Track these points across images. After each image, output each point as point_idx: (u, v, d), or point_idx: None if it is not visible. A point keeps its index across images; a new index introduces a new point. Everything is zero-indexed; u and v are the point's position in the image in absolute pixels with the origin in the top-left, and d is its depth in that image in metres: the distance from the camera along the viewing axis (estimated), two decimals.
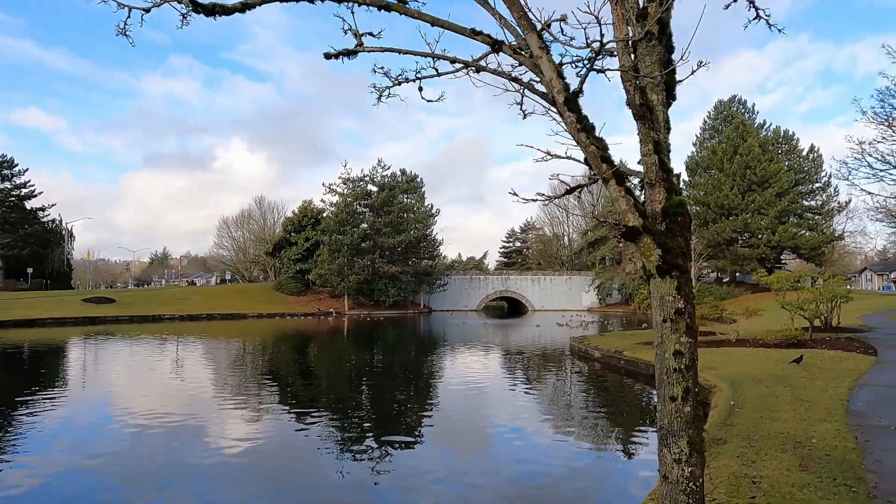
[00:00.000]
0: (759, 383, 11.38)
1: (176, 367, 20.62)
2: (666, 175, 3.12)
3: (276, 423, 12.01)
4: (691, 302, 3.12)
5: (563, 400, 14.84)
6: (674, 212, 3.09)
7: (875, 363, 13.60)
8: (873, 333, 20.29)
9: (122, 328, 41.05)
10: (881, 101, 17.50)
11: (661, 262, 3.04)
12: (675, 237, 3.10)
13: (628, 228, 3.01)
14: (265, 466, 8.91)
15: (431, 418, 12.86)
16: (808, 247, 56.83)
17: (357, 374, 20.01)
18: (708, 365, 14.77)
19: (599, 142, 3.04)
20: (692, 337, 3.09)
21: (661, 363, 3.13)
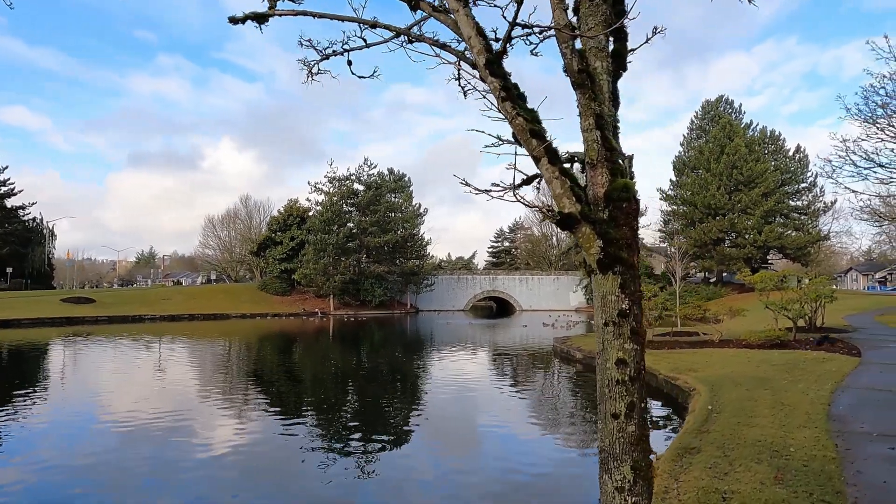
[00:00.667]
0: (739, 386, 11.00)
1: (154, 370, 19.99)
2: (610, 154, 2.67)
3: (258, 425, 11.72)
4: (638, 302, 2.67)
5: (542, 402, 14.41)
6: (618, 196, 2.64)
7: (858, 364, 13.28)
8: (857, 334, 20.06)
9: (100, 329, 40.19)
10: (865, 98, 17.24)
11: (603, 256, 2.59)
12: (619, 226, 2.65)
13: (563, 216, 2.56)
14: (249, 468, 8.87)
15: (414, 419, 12.52)
16: (794, 247, 56.91)
17: (341, 376, 19.50)
18: (689, 366, 14.43)
19: (529, 113, 2.58)
20: (638, 343, 2.64)
21: (602, 374, 2.68)
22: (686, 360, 15.69)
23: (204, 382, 17.51)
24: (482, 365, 22.06)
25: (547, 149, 2.53)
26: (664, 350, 17.97)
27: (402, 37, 3.57)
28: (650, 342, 19.47)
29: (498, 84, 2.55)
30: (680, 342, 19.39)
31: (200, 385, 16.95)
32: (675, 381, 13.01)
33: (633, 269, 2.64)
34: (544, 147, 2.52)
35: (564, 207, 2.57)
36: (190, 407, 13.43)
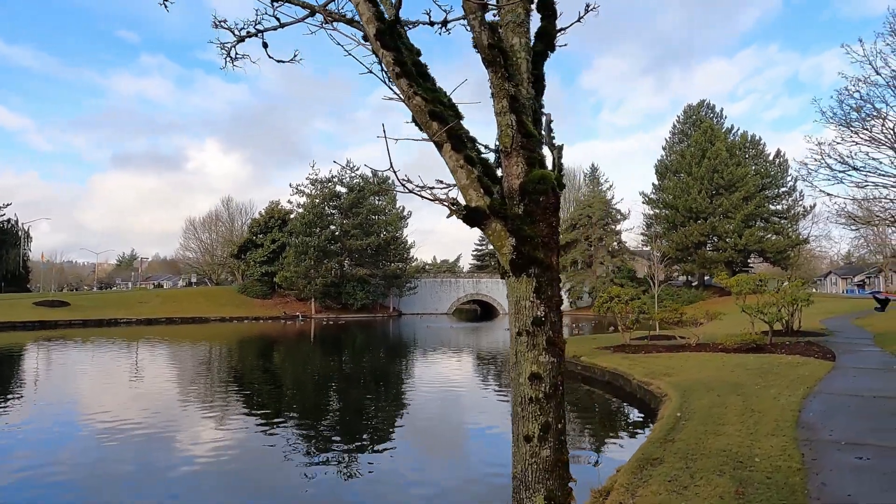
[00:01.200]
0: (711, 391, 10.77)
1: (127, 376, 19.39)
2: (526, 141, 2.36)
3: (236, 430, 11.52)
4: (556, 309, 2.36)
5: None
6: (534, 189, 2.33)
7: (832, 369, 13.13)
8: (833, 337, 20.01)
9: (73, 333, 39.25)
10: (840, 102, 17.18)
11: (516, 256, 2.27)
12: (535, 223, 2.33)
13: (470, 210, 2.25)
14: (229, 472, 8.82)
15: (393, 422, 12.19)
16: (773, 250, 57.35)
17: (320, 380, 19.07)
18: (664, 371, 14.21)
19: (430, 92, 2.26)
20: (555, 355, 2.32)
21: (515, 390, 2.36)
22: (661, 364, 15.48)
23: (180, 388, 17.05)
24: (459, 368, 21.73)
25: (450, 133, 2.21)
26: (640, 354, 17.76)
27: (319, 16, 3.23)
28: (626, 346, 19.28)
29: (391, 57, 2.23)
30: (657, 346, 19.20)
31: (176, 391, 16.49)
32: (648, 387, 12.77)
33: (550, 271, 2.33)
34: (446, 131, 2.20)
35: (471, 200, 2.25)
36: (165, 413, 13.00)
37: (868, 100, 16.54)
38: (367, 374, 20.59)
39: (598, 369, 16.61)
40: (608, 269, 71.55)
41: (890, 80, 17.35)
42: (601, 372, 16.33)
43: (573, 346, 21.15)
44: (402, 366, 23.32)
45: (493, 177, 2.46)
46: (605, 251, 73.84)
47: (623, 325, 19.87)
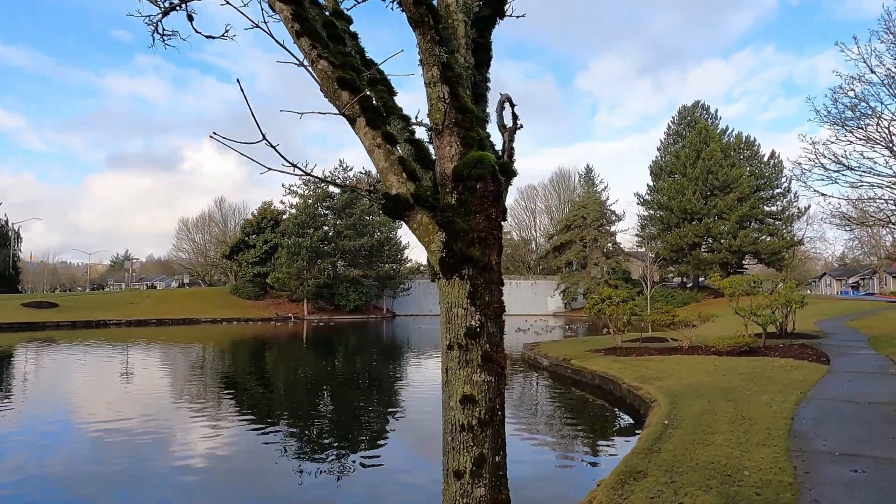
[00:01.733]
0: (702, 397, 10.40)
1: (115, 378, 18.92)
2: (462, 118, 1.97)
3: (228, 432, 11.39)
4: (496, 317, 1.97)
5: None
6: (469, 174, 1.94)
7: (826, 373, 12.80)
8: (828, 340, 19.72)
9: (60, 335, 38.67)
10: (834, 101, 16.87)
11: (446, 253, 1.89)
12: (470, 214, 1.95)
13: (389, 199, 1.86)
14: (220, 473, 8.78)
15: (381, 424, 11.73)
16: (768, 252, 57.12)
17: (312, 382, 18.64)
18: (655, 375, 13.85)
19: (339, 56, 1.87)
20: (493, 374, 1.94)
21: (445, 415, 1.97)
22: (653, 367, 15.12)
23: (166, 391, 16.66)
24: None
25: (364, 106, 1.82)
26: (632, 357, 17.41)
27: None
28: (618, 349, 18.92)
29: (289, 13, 1.84)
30: (649, 349, 18.86)
31: (163, 394, 16.12)
32: (637, 392, 12.41)
33: (488, 273, 1.95)
34: (360, 102, 1.81)
35: (391, 187, 1.87)
36: (151, 418, 12.68)
37: (863, 98, 16.25)
38: (355, 377, 20.19)
39: (587, 373, 16.24)
40: (603, 271, 71.27)
41: (885, 78, 17.08)
42: (591, 375, 15.96)
43: (564, 349, 20.80)
44: (391, 368, 22.92)
45: (427, 160, 2.08)
46: (599, 252, 73.54)
47: (615, 327, 19.51)
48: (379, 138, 1.90)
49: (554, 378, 17.86)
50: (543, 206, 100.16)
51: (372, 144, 1.90)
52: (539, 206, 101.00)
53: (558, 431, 11.66)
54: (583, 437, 11.26)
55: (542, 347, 22.19)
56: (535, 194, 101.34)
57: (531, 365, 20.60)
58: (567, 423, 12.45)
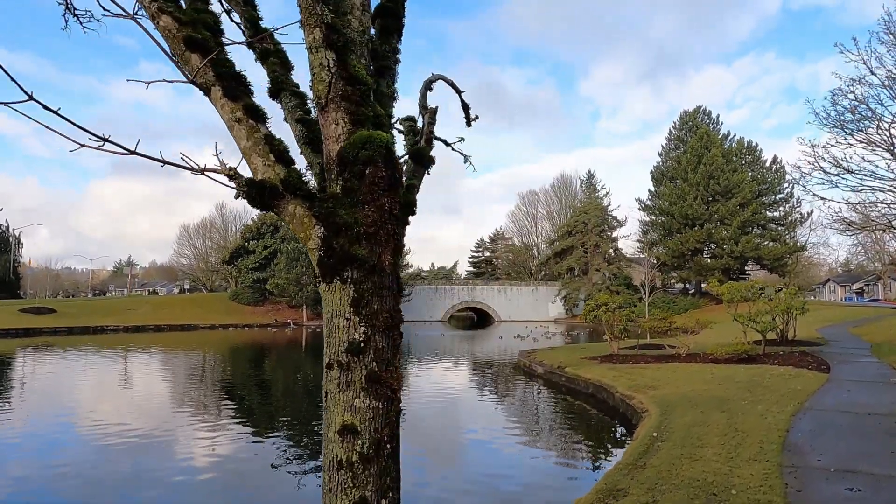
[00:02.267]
0: (695, 408, 10.01)
1: (113, 385, 18.61)
2: (350, 91, 1.64)
3: (226, 438, 11.31)
4: (386, 330, 1.63)
5: (490, 418, 13.31)
6: (356, 157, 1.61)
7: (826, 382, 12.38)
8: (829, 347, 19.27)
9: (56, 340, 38.42)
10: (833, 102, 16.49)
11: (325, 252, 1.55)
12: (357, 205, 1.62)
13: (253, 185, 1.52)
14: (219, 479, 8.75)
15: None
16: (770, 257, 56.58)
17: (311, 389, 18.30)
18: (650, 383, 13.46)
19: (190, 12, 1.54)
20: (381, 398, 1.60)
21: (324, 448, 1.62)
22: (648, 376, 14.73)
23: (162, 398, 16.38)
24: (437, 381, 20.93)
25: (220, 72, 1.49)
26: (628, 365, 17.01)
27: None
28: (614, 356, 18.52)
29: None
30: (646, 356, 18.44)
31: (159, 400, 15.86)
32: (630, 401, 12.02)
33: (378, 275, 1.61)
34: (213, 67, 1.48)
35: (256, 171, 1.53)
36: (146, 426, 12.41)
37: (863, 100, 15.87)
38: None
39: (581, 381, 15.84)
40: (604, 277, 70.83)
41: (885, 80, 16.71)
42: (585, 384, 15.56)
43: (560, 356, 20.40)
44: None
45: (316, 143, 1.75)
46: (601, 258, 73.12)
47: (611, 334, 19.10)
48: (239, 111, 1.58)
49: (548, 386, 17.47)
50: (545, 212, 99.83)
51: (231, 119, 1.58)
52: (541, 212, 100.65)
53: (544, 442, 11.27)
54: (569, 449, 10.88)
55: (538, 354, 21.79)
56: (536, 200, 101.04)
57: (526, 372, 20.20)
58: (555, 433, 12.05)
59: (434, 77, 2.42)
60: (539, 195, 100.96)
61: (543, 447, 10.90)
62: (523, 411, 14.89)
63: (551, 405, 15.38)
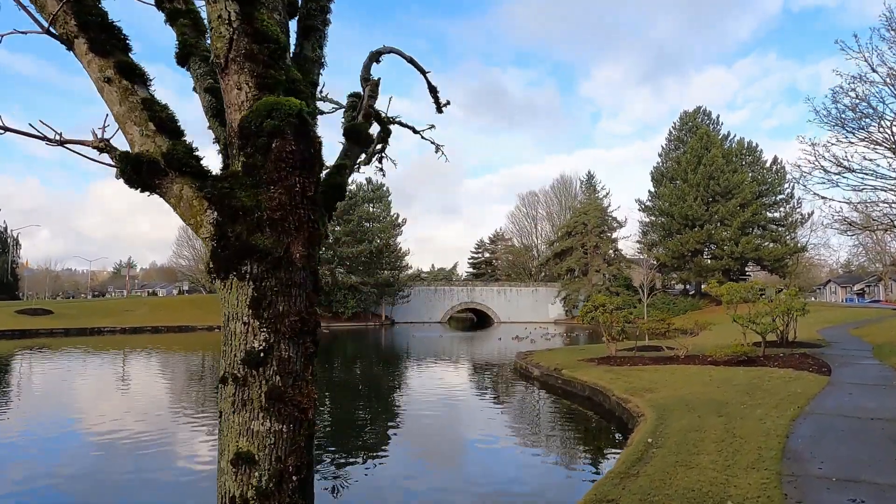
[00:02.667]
0: (692, 412, 9.72)
1: (109, 385, 18.33)
2: (257, 50, 1.35)
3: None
4: (294, 336, 1.34)
5: (482, 422, 13.03)
6: (259, 128, 1.32)
7: (826, 384, 12.09)
8: (830, 349, 18.97)
9: (52, 342, 38.15)
10: (834, 100, 16.20)
11: (218, 243, 1.27)
12: (260, 185, 1.33)
13: (128, 160, 1.24)
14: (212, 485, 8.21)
15: (376, 433, 11.07)
16: (771, 258, 56.23)
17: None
18: (647, 386, 13.17)
19: None
20: (287, 419, 1.30)
21: (217, 479, 1.34)
22: (645, 378, 14.44)
23: (157, 398, 16.05)
24: (431, 383, 20.65)
25: (86, 21, 1.21)
26: (625, 367, 16.72)
27: None
28: (612, 358, 18.23)
29: None
30: (644, 358, 18.15)
31: (154, 401, 15.52)
32: (626, 405, 11.73)
33: (286, 271, 1.32)
34: (76, 16, 1.20)
35: (133, 143, 1.25)
36: (140, 428, 12.19)
37: (864, 98, 15.59)
38: (348, 385, 19.55)
39: (578, 383, 15.55)
40: (604, 278, 70.53)
41: (887, 77, 16.43)
42: (581, 386, 15.27)
43: (557, 358, 20.11)
44: (379, 377, 22.27)
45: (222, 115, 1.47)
46: (600, 259, 72.83)
47: (608, 336, 18.81)
48: (110, 70, 1.31)
49: (544, 388, 17.18)
50: (545, 213, 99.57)
51: (100, 79, 1.31)
52: (540, 213, 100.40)
53: (537, 447, 10.98)
54: (562, 454, 10.60)
55: (535, 356, 21.49)
56: (536, 201, 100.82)
57: (523, 375, 19.91)
58: (548, 437, 11.75)
59: (385, 49, 2.15)
60: (539, 196, 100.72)
61: (536, 452, 10.61)
62: (517, 415, 14.59)
63: (546, 408, 15.08)
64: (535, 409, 15.37)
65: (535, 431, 12.44)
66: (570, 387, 15.96)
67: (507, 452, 10.62)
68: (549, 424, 13.11)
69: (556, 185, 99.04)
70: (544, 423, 13.24)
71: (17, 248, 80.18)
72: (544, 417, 14.06)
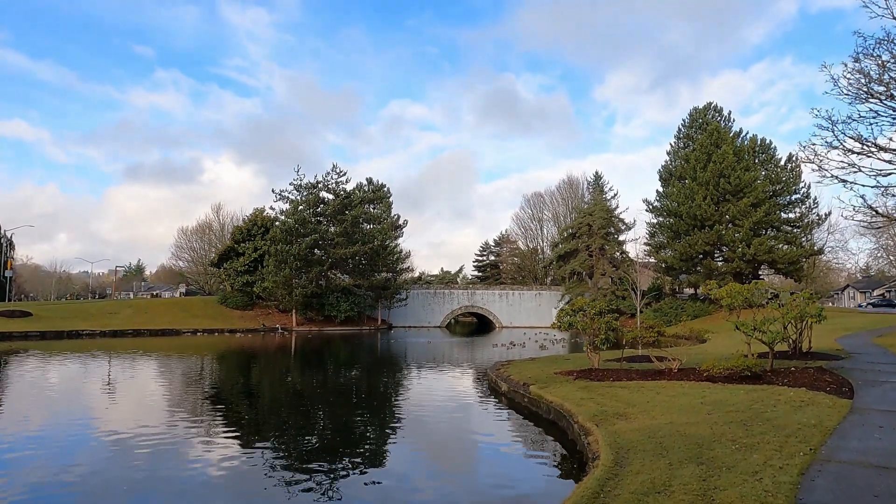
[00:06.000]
0: (663, 456, 7.13)
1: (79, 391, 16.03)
2: None
3: (210, 450, 10.38)
4: None
5: (399, 458, 10.44)
6: None
7: (848, 412, 9.43)
8: (850, 361, 16.22)
9: (25, 345, 36.12)
10: (856, 60, 13.49)
11: None
12: None
13: None
14: (207, 494, 8.04)
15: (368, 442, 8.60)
16: (785, 261, 53.03)
17: (297, 398, 15.55)
18: (619, 410, 10.58)
19: None
20: None
21: None
22: (624, 399, 11.84)
23: (132, 407, 13.63)
24: (379, 396, 18.09)
25: None
26: (606, 382, 14.10)
27: None
28: (593, 371, 15.60)
29: None
30: (631, 372, 15.52)
31: (131, 411, 13.12)
32: (586, 437, 9.14)
33: None
34: None
35: None
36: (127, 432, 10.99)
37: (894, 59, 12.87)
38: (311, 397, 17.06)
39: (543, 404, 12.94)
40: (610, 281, 67.67)
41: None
42: (546, 407, 12.67)
43: (533, 370, 17.51)
44: (327, 387, 19.75)
45: None
46: (606, 262, 69.98)
47: (590, 345, 16.20)
48: None
49: (512, 407, 14.57)
50: (551, 215, 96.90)
51: None
52: (546, 215, 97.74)
53: (454, 498, 8.36)
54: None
55: (511, 368, 18.89)
56: (542, 202, 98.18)
57: (492, 389, 17.33)
58: (476, 483, 9.02)
59: None
60: (544, 197, 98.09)
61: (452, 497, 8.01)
62: (448, 446, 11.69)
63: (496, 436, 12.25)
64: (476, 438, 12.37)
65: (460, 471, 9.83)
66: (536, 407, 13.36)
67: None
68: (483, 463, 10.34)
69: (563, 187, 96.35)
70: (478, 461, 10.50)
71: (11, 248, 78.92)
72: (481, 452, 11.17)
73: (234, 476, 8.89)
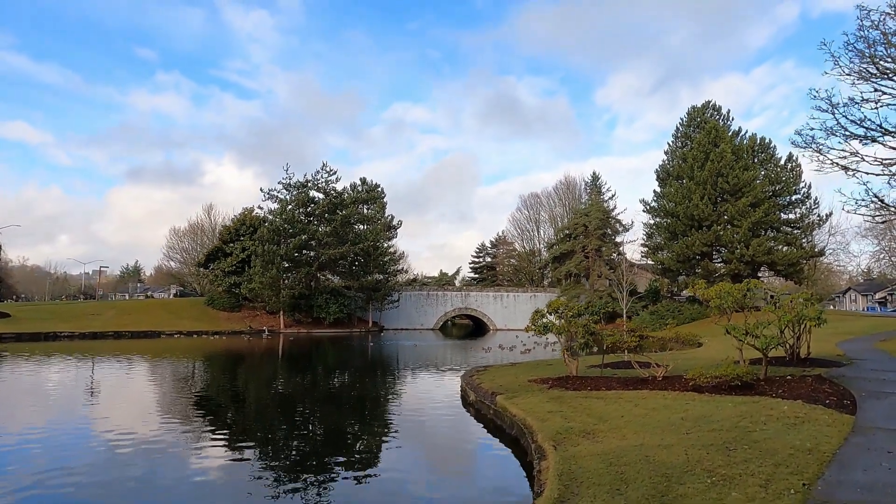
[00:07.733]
0: (619, 493, 5.72)
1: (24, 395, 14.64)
2: None
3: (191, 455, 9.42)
4: None
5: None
6: None
7: (851, 431, 8.04)
8: (852, 369, 14.79)
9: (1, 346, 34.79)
10: (860, 35, 12.10)
11: None
12: None
13: None
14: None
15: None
16: (785, 262, 51.59)
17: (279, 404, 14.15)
18: (588, 428, 9.20)
19: None
20: None
21: None
22: (596, 412, 10.45)
23: (109, 414, 12.27)
24: (342, 402, 16.70)
25: None
26: (582, 392, 12.72)
27: None
28: (570, 379, 14.20)
29: None
30: (611, 380, 14.12)
31: (107, 416, 11.76)
32: (541, 461, 7.75)
33: None
34: None
35: None
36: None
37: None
38: (283, 407, 15.67)
39: (507, 417, 11.54)
40: (607, 283, 66.27)
41: None
42: (510, 422, 11.27)
43: (505, 378, 16.12)
44: (293, 392, 18.36)
45: None
46: (602, 263, 68.59)
47: (566, 350, 14.80)
48: None
49: (479, 419, 13.19)
50: (547, 217, 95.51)
51: None
52: (543, 217, 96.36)
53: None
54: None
55: (485, 374, 17.50)
56: (538, 204, 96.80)
57: (463, 397, 15.94)
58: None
59: None
60: (541, 198, 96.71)
61: None
62: (394, 471, 10.51)
63: (439, 456, 10.88)
64: (426, 457, 11.11)
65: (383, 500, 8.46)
66: (501, 420, 11.96)
67: None
68: (413, 489, 9.06)
69: (560, 188, 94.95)
70: (406, 487, 9.18)
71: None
72: (417, 475, 9.91)
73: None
